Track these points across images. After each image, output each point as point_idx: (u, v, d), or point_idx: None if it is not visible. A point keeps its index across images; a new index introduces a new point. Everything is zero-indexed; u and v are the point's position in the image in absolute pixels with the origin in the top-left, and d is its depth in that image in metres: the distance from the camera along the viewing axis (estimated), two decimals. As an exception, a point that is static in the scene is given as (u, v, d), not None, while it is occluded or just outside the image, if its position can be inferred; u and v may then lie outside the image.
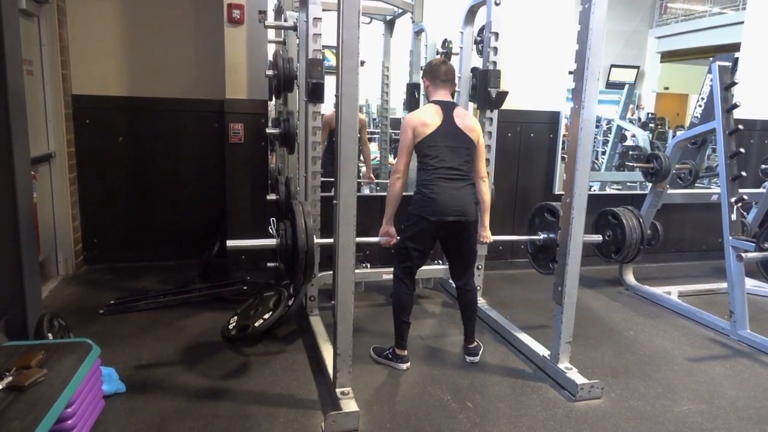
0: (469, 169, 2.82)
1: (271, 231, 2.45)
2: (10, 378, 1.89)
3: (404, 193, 2.84)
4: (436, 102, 2.84)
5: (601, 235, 3.32)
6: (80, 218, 4.21)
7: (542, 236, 3.20)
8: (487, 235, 3.02)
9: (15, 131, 2.36)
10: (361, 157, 5.14)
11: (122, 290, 3.80)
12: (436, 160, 2.74)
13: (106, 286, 3.90)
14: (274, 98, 3.97)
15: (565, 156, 2.67)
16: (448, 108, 2.81)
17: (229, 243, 2.45)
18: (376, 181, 5.33)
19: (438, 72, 2.87)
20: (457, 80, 3.90)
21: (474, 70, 3.72)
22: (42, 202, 3.76)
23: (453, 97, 2.94)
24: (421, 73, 2.97)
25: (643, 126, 10.20)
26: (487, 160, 3.61)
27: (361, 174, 5.20)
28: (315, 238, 2.39)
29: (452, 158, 2.76)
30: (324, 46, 3.03)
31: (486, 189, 2.93)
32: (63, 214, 4.00)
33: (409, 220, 2.78)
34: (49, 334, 2.50)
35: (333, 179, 2.31)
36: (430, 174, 2.74)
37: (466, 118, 2.87)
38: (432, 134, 2.75)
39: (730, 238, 3.46)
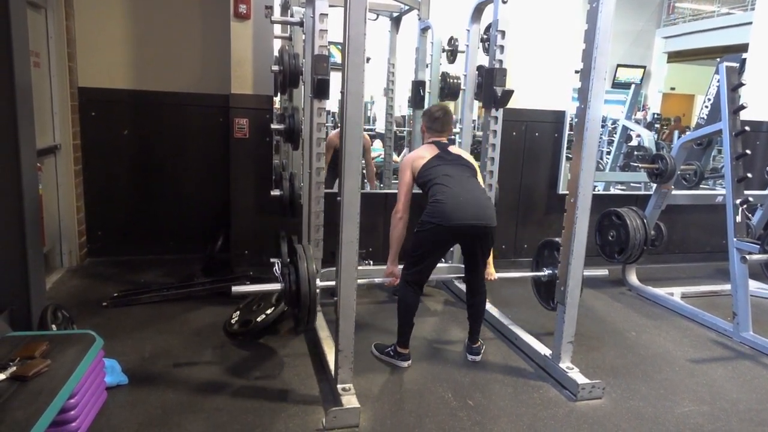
0: (477, 182, 2.89)
1: (276, 273, 2.53)
2: (14, 368, 1.90)
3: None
4: (431, 142, 2.98)
5: (606, 270, 3.37)
6: (85, 211, 4.23)
7: (547, 272, 3.23)
8: (491, 272, 3.07)
9: (21, 123, 2.36)
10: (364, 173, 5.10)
11: (126, 283, 3.82)
12: (442, 175, 2.78)
13: (109, 279, 3.92)
14: (279, 94, 3.98)
15: (571, 155, 2.67)
16: (442, 145, 2.96)
17: (234, 289, 2.54)
18: (379, 185, 5.29)
19: (434, 120, 3.00)
20: (462, 78, 3.92)
21: (480, 68, 3.72)
22: (47, 194, 3.77)
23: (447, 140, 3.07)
24: (426, 72, 2.97)
25: (648, 126, 10.16)
26: (492, 158, 3.62)
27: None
28: (318, 282, 2.46)
29: (456, 173, 2.83)
30: (330, 42, 3.03)
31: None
32: (68, 206, 4.02)
33: (423, 228, 2.74)
34: (53, 326, 2.51)
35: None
36: (440, 186, 2.75)
37: (462, 152, 3.04)
38: (429, 161, 2.86)
39: (735, 239, 3.45)
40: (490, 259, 3.02)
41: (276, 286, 2.53)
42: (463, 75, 3.86)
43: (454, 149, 3.00)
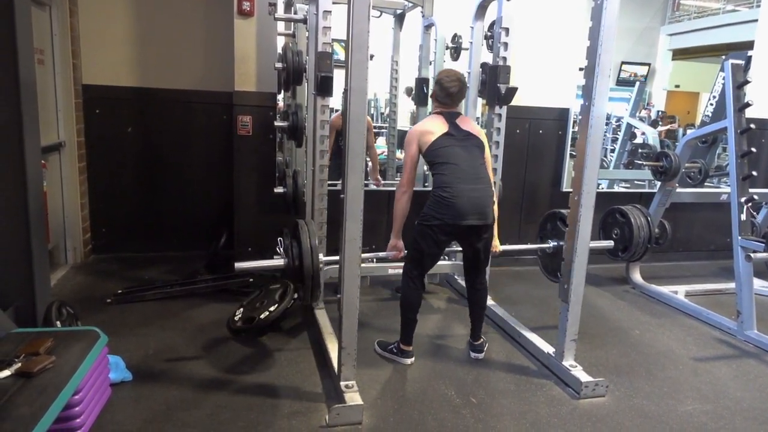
0: (484, 169, 2.82)
1: (278, 250, 2.51)
2: (19, 364, 1.91)
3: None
4: (439, 113, 2.87)
5: (612, 241, 3.30)
6: (89, 208, 4.24)
7: (552, 244, 3.20)
8: (496, 245, 3.03)
9: (26, 120, 2.37)
10: (368, 159, 5.10)
11: (130, 280, 3.83)
12: (450, 162, 2.73)
13: (113, 276, 3.93)
14: (282, 91, 3.98)
15: (575, 153, 2.66)
16: (451, 116, 2.84)
17: (237, 265, 2.50)
18: (382, 182, 5.27)
19: (447, 95, 2.84)
20: (466, 75, 3.90)
21: (484, 65, 3.71)
22: (52, 191, 3.79)
23: (457, 108, 2.94)
24: (432, 75, 2.90)
25: (653, 124, 10.11)
26: (495, 156, 3.61)
27: (367, 173, 5.15)
28: (321, 257, 2.43)
29: (466, 159, 2.75)
30: (333, 40, 3.02)
31: (495, 199, 2.91)
32: (72, 203, 4.03)
33: (425, 222, 2.72)
34: (58, 322, 2.52)
35: (341, 181, 2.31)
36: (446, 176, 2.71)
37: (471, 124, 2.91)
38: (438, 139, 2.76)
39: (739, 238, 3.44)
40: (495, 232, 2.95)
41: (279, 262, 2.49)
42: (467, 72, 3.84)
43: (464, 123, 2.85)
